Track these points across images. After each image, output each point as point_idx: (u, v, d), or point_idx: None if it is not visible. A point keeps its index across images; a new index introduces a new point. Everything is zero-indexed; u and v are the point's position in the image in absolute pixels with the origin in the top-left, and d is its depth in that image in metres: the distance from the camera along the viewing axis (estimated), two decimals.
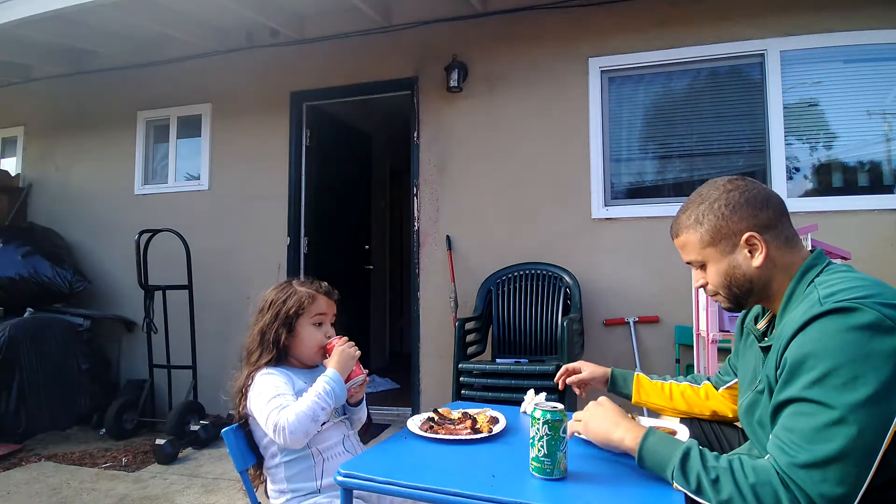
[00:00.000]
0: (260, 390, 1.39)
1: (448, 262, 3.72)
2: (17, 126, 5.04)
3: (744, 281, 1.11)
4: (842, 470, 0.85)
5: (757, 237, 1.08)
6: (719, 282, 1.14)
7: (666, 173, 3.50)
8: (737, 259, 1.10)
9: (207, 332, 4.05)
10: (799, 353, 0.92)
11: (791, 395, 0.92)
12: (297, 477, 1.41)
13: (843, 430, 0.85)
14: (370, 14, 3.75)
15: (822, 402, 0.88)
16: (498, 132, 3.71)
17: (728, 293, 1.14)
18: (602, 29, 3.50)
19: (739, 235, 1.09)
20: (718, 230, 1.11)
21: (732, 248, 1.10)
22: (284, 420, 1.29)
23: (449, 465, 1.18)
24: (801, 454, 0.87)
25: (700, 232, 1.13)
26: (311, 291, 1.52)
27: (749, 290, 1.12)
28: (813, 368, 0.90)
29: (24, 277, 4.05)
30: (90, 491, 2.86)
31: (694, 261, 1.17)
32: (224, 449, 1.60)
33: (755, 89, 3.26)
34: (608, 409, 1.17)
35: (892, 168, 3.09)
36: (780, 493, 0.87)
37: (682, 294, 3.12)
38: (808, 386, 0.90)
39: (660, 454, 1.02)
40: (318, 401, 1.32)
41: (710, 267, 1.15)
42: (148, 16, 3.70)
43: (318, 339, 1.50)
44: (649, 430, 1.08)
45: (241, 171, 4.30)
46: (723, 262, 1.12)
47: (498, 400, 2.83)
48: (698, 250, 1.14)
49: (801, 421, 0.90)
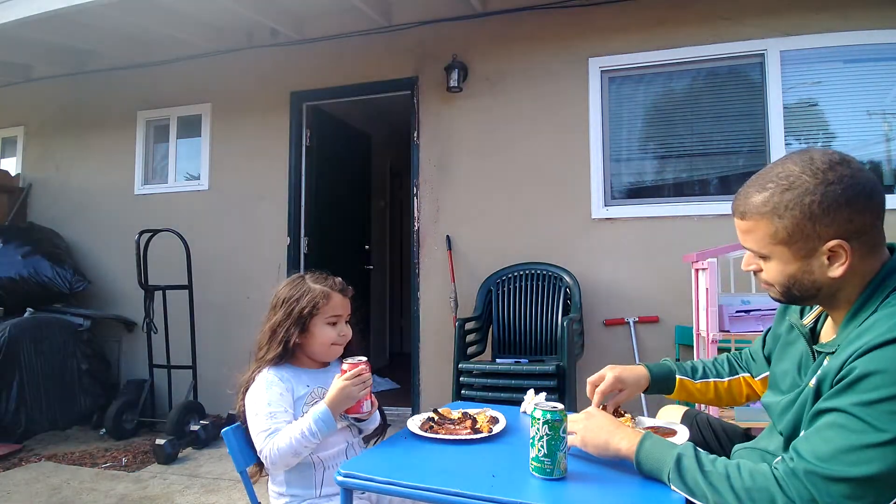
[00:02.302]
0: (254, 399, 1.38)
1: (448, 262, 3.72)
2: (17, 126, 5.03)
3: (811, 287, 0.97)
4: (865, 491, 0.82)
5: (844, 247, 0.91)
6: (780, 281, 0.99)
7: (666, 173, 3.50)
8: (811, 265, 0.94)
9: (207, 332, 4.05)
10: (867, 367, 0.84)
11: (842, 405, 0.86)
12: (297, 482, 1.40)
13: (885, 454, 0.81)
14: (370, 14, 3.75)
15: (872, 423, 0.82)
16: (498, 132, 3.71)
17: (786, 293, 1.01)
18: (602, 29, 3.50)
19: (824, 241, 0.92)
20: (801, 231, 0.92)
21: (810, 252, 0.93)
22: (268, 450, 1.31)
23: (449, 465, 1.18)
24: (831, 466, 0.84)
25: (776, 226, 0.94)
26: (325, 290, 1.47)
27: (812, 296, 0.99)
28: (875, 388, 0.83)
29: (24, 277, 4.05)
30: (90, 491, 2.86)
31: (755, 251, 1.01)
32: (224, 449, 1.60)
33: (755, 89, 3.26)
34: (601, 419, 1.14)
35: (892, 168, 3.09)
36: (776, 497, 0.86)
37: (682, 294, 3.11)
38: (863, 403, 0.83)
39: (656, 458, 1.01)
40: (301, 439, 1.30)
41: (775, 264, 0.98)
42: (147, 16, 3.70)
43: (331, 337, 1.46)
44: (646, 434, 1.07)
45: (241, 171, 4.30)
46: (793, 265, 0.96)
47: (498, 400, 2.83)
48: (766, 244, 0.97)
49: (844, 436, 0.84)
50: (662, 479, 0.99)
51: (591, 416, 1.16)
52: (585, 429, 1.13)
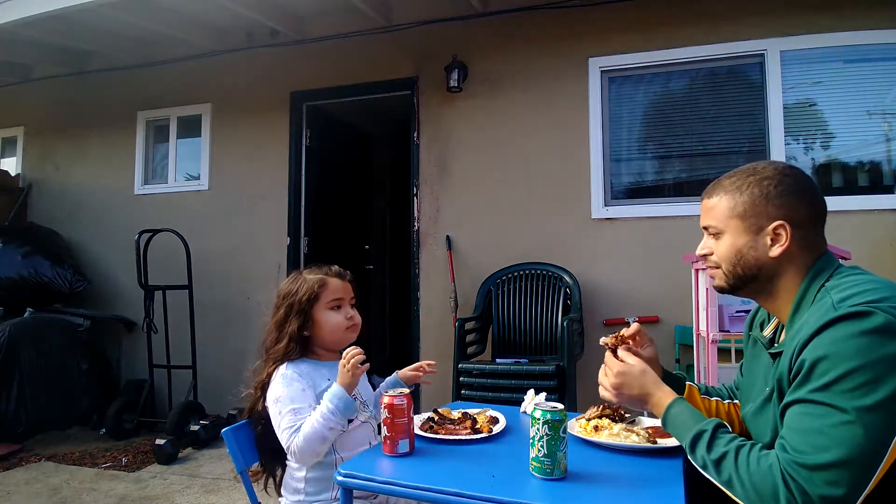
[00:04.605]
0: (276, 397, 1.37)
1: (448, 262, 3.72)
2: (17, 126, 5.04)
3: (753, 265, 1.09)
4: (847, 473, 0.85)
5: (786, 229, 1.05)
6: (728, 256, 1.11)
7: (666, 173, 3.50)
8: (756, 241, 1.07)
9: (207, 332, 4.05)
10: (812, 357, 0.92)
11: (800, 396, 0.92)
12: (315, 482, 1.39)
13: (851, 433, 0.85)
14: (370, 14, 3.75)
15: (832, 404, 0.88)
16: (498, 132, 3.71)
17: (730, 271, 1.12)
18: (602, 29, 3.50)
19: (771, 220, 1.06)
20: (755, 206, 1.07)
21: (758, 229, 1.07)
22: (294, 444, 1.30)
23: (449, 465, 1.18)
24: (807, 455, 0.87)
25: (736, 200, 1.09)
26: (320, 277, 1.49)
27: (753, 277, 1.10)
28: (825, 372, 0.89)
29: (24, 277, 4.05)
30: (90, 491, 2.86)
31: (712, 227, 1.14)
32: (224, 449, 1.60)
33: (755, 89, 3.26)
34: (650, 371, 1.18)
35: (892, 168, 3.09)
36: (780, 489, 0.88)
37: (682, 294, 3.11)
38: (818, 389, 0.90)
39: (678, 426, 1.08)
40: (324, 421, 1.30)
41: (726, 238, 1.11)
42: (148, 16, 3.70)
43: (339, 322, 1.47)
44: (676, 399, 1.12)
45: (241, 171, 4.30)
46: (741, 238, 1.09)
47: (498, 400, 2.82)
48: (724, 218, 1.11)
49: (809, 422, 0.90)
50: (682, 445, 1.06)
51: (624, 375, 1.19)
52: (631, 370, 1.18)
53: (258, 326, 1.53)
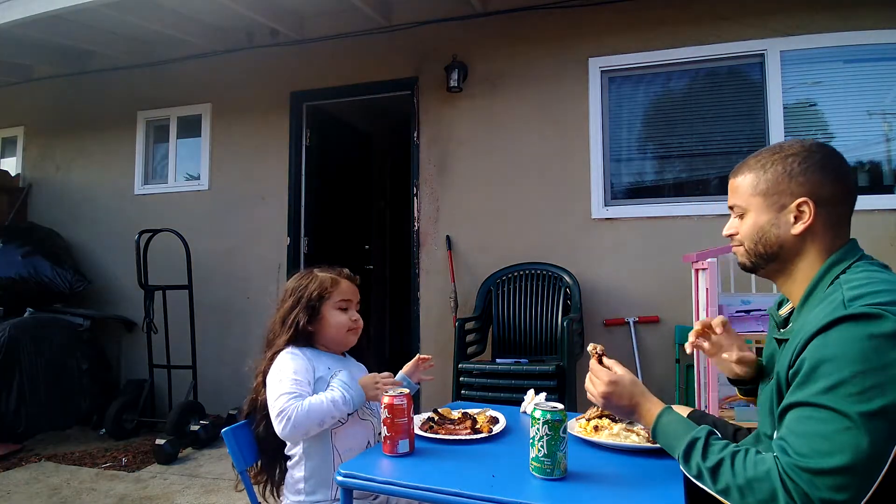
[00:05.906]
0: (280, 368, 1.38)
1: (448, 262, 3.72)
2: (17, 126, 5.04)
3: (775, 243, 1.07)
4: (850, 479, 0.84)
5: (809, 205, 1.03)
6: (750, 234, 1.10)
7: (666, 173, 3.50)
8: (779, 219, 1.06)
9: (207, 332, 4.05)
10: (817, 356, 0.90)
11: (804, 398, 0.90)
12: (315, 482, 1.39)
13: (855, 439, 0.84)
14: (370, 14, 3.75)
15: (835, 409, 0.86)
16: (498, 132, 3.71)
17: (752, 249, 1.11)
18: (602, 29, 3.50)
19: (794, 198, 1.04)
20: (778, 183, 1.06)
21: (781, 207, 1.06)
22: (293, 410, 1.28)
23: (449, 465, 1.18)
24: (810, 459, 0.86)
25: (759, 177, 1.08)
26: (333, 276, 1.52)
27: (774, 256, 1.08)
28: (829, 375, 0.88)
29: (24, 277, 4.05)
30: (90, 491, 2.86)
31: (737, 206, 1.13)
32: (224, 449, 1.60)
33: (755, 89, 3.26)
34: (638, 382, 1.17)
35: (892, 168, 3.09)
36: (778, 492, 0.87)
37: (682, 294, 3.11)
38: (822, 392, 0.88)
39: (670, 436, 1.05)
40: (332, 406, 1.30)
41: (749, 217, 1.10)
42: (148, 16, 3.70)
43: (344, 322, 1.49)
44: (665, 408, 1.10)
45: (241, 172, 4.30)
46: (764, 216, 1.08)
47: (498, 400, 2.82)
48: (748, 196, 1.10)
49: (813, 426, 0.88)
50: (673, 456, 1.02)
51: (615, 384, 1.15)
52: (621, 380, 1.15)
53: (258, 326, 1.53)
